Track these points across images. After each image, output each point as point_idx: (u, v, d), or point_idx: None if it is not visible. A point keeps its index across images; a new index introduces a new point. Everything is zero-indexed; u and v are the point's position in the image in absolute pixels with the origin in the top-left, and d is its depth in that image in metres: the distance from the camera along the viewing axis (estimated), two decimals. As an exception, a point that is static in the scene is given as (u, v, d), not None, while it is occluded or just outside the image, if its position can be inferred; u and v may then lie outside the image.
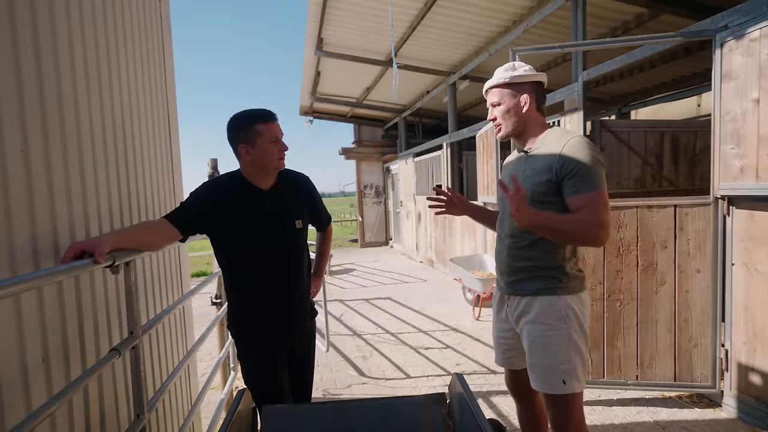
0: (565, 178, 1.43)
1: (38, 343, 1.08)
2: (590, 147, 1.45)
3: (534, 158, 1.55)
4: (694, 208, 2.60)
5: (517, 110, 1.57)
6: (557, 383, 1.48)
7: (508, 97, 1.57)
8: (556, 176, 1.45)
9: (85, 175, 1.37)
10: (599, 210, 1.37)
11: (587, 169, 1.40)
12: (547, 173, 1.46)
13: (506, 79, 1.56)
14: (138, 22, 1.93)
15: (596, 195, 1.39)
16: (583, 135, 1.52)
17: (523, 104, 1.56)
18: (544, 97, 1.62)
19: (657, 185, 4.25)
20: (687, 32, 2.59)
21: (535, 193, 1.49)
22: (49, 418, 1.09)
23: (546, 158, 1.49)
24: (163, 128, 2.22)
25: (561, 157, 1.44)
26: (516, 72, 1.56)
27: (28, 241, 1.07)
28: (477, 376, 3.34)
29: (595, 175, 1.41)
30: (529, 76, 1.55)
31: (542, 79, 1.59)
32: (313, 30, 5.94)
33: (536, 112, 1.59)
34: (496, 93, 1.60)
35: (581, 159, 1.41)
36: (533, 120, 1.58)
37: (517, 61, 2.27)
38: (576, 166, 1.41)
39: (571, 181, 1.42)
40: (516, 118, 1.57)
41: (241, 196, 1.62)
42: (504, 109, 1.58)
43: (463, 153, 7.65)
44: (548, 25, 4.88)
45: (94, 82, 1.46)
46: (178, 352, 2.20)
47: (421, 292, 6.34)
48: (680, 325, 2.66)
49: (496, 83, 1.59)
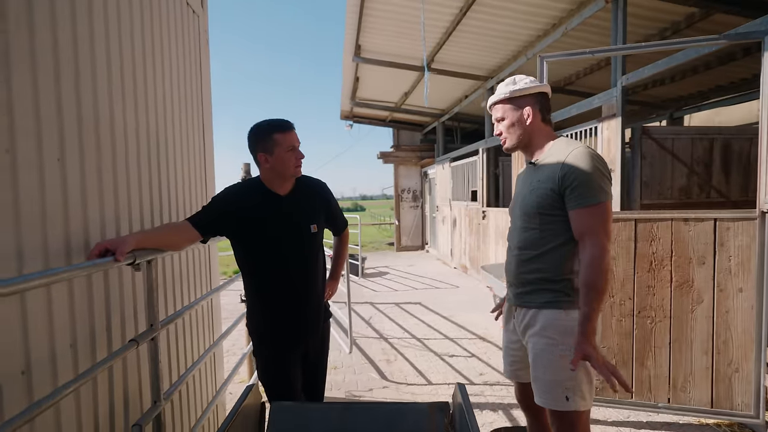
0: (567, 189, 1.42)
1: (67, 331, 1.21)
2: (593, 157, 1.43)
3: (540, 169, 1.54)
4: (737, 222, 2.42)
5: (521, 123, 1.56)
6: (560, 399, 1.44)
7: (510, 111, 1.57)
8: (559, 187, 1.44)
9: (118, 180, 1.51)
10: (598, 229, 1.38)
11: (588, 180, 1.39)
12: (551, 183, 1.46)
13: (507, 95, 1.57)
14: (176, 33, 2.09)
15: (596, 209, 1.39)
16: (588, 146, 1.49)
17: (527, 117, 1.55)
18: (549, 108, 1.60)
19: (705, 196, 3.97)
20: (732, 34, 2.43)
21: (541, 205, 1.48)
22: (74, 397, 1.22)
23: (550, 169, 1.48)
24: (197, 136, 2.38)
25: (563, 167, 1.43)
26: (516, 86, 1.56)
27: (61, 239, 1.21)
28: (499, 387, 3.28)
29: (596, 186, 1.39)
30: (530, 89, 1.55)
31: (545, 90, 1.58)
32: (351, 37, 6.08)
33: (541, 123, 1.57)
34: (499, 108, 1.61)
35: (583, 170, 1.39)
36: (538, 131, 1.57)
37: (542, 70, 2.23)
38: (577, 177, 1.40)
39: (573, 194, 1.41)
40: (521, 131, 1.57)
41: (260, 201, 1.71)
42: (508, 124, 1.58)
43: (500, 159, 7.50)
44: (588, 27, 4.71)
45: (129, 90, 1.60)
46: (204, 345, 2.34)
47: (452, 299, 6.29)
48: (719, 347, 2.48)
49: (498, 99, 1.60)
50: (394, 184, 12.41)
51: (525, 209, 1.55)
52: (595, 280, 1.36)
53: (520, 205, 1.60)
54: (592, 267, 1.37)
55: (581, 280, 1.40)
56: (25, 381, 1.06)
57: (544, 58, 2.64)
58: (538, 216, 1.49)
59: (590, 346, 1.33)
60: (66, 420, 1.19)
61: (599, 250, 1.37)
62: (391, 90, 8.76)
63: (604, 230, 1.37)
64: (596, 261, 1.37)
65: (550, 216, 1.46)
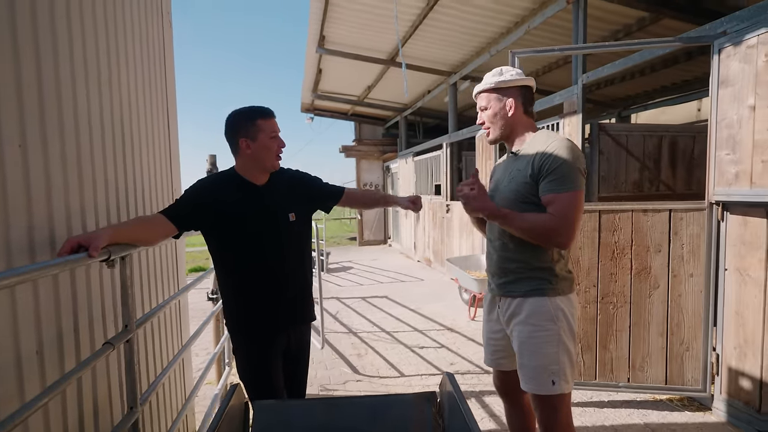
0: (542, 177, 1.46)
1: (32, 335, 1.10)
2: (572, 150, 1.47)
3: (520, 159, 1.57)
4: (689, 213, 2.62)
5: (504, 114, 1.59)
6: (546, 384, 1.49)
7: (494, 101, 1.60)
8: (537, 174, 1.48)
9: (83, 169, 1.38)
10: (567, 213, 1.42)
11: (564, 170, 1.43)
12: (529, 170, 1.49)
13: (492, 84, 1.59)
14: (138, 18, 1.94)
15: (569, 196, 1.43)
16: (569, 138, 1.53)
17: (509, 108, 1.58)
18: (532, 101, 1.64)
19: (654, 189, 4.26)
20: (686, 38, 2.60)
21: (520, 193, 1.52)
22: (43, 410, 1.11)
23: (528, 159, 1.52)
24: (162, 123, 2.23)
25: (542, 155, 1.47)
26: (502, 77, 1.59)
27: (24, 233, 1.09)
28: (470, 376, 3.36)
29: (572, 176, 1.43)
30: (515, 81, 1.58)
31: (529, 83, 1.62)
32: (315, 27, 5.94)
33: (523, 115, 1.61)
34: (484, 97, 1.63)
35: (560, 160, 1.44)
36: (520, 123, 1.61)
37: (513, 65, 2.28)
38: (554, 164, 1.44)
39: (546, 179, 1.45)
40: (503, 122, 1.60)
41: (236, 191, 1.63)
42: (491, 113, 1.61)
43: (463, 153, 7.66)
44: (550, 27, 4.89)
45: (93, 77, 1.47)
46: (173, 346, 2.22)
47: (417, 291, 6.36)
48: (672, 329, 2.68)
49: (483, 88, 1.62)
50: (356, 179, 12.34)
51: (504, 199, 1.58)
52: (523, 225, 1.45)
53: (499, 195, 1.62)
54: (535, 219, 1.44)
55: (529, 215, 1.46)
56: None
57: (516, 53, 2.70)
58: (517, 205, 1.52)
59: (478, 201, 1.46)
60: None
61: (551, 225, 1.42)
62: (355, 83, 8.67)
63: (568, 217, 1.41)
64: (540, 224, 1.43)
65: (530, 204, 1.50)
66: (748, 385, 2.40)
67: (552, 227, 1.42)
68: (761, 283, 2.31)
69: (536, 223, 1.44)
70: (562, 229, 1.42)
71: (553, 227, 1.42)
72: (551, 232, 1.43)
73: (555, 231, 1.42)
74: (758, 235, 2.32)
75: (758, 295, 2.33)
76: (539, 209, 1.48)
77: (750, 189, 2.29)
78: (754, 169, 2.26)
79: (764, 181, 2.22)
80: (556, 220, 1.42)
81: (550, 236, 1.44)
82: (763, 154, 2.22)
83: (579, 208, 1.44)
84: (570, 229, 1.42)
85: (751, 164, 2.27)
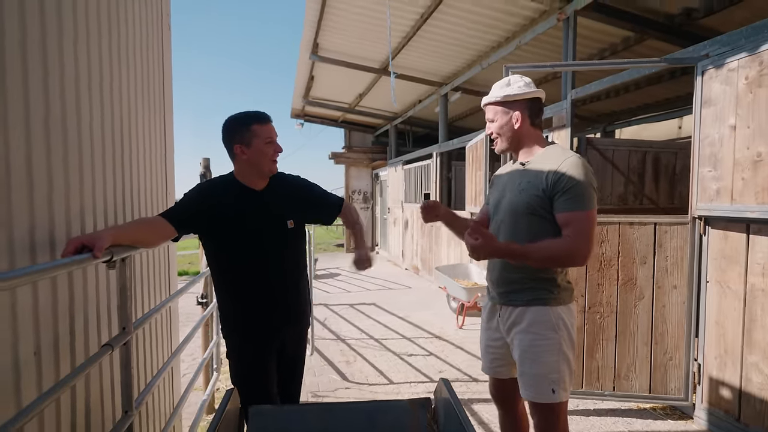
0: (558, 193, 1.47)
1: (31, 336, 1.09)
2: (587, 169, 1.49)
3: (531, 171, 1.57)
4: (673, 226, 2.71)
5: (510, 127, 1.60)
6: (546, 392, 1.52)
7: (501, 114, 1.61)
8: (550, 189, 1.48)
9: (83, 171, 1.37)
10: (586, 231, 1.43)
11: (581, 188, 1.44)
12: (543, 185, 1.50)
13: (499, 98, 1.60)
14: (138, 21, 1.94)
15: (585, 215, 1.44)
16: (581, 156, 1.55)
17: (515, 121, 1.59)
18: (540, 112, 1.64)
19: (638, 203, 4.39)
20: (671, 59, 2.72)
21: (530, 206, 1.52)
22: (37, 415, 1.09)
23: (543, 172, 1.52)
24: (158, 127, 2.23)
25: (557, 172, 1.48)
26: (509, 90, 1.59)
27: (26, 234, 1.08)
28: (459, 384, 3.38)
29: (587, 195, 1.45)
30: (522, 94, 1.58)
31: (538, 95, 1.62)
32: (310, 34, 5.99)
33: (531, 127, 1.61)
34: (491, 110, 1.64)
35: (576, 178, 1.45)
36: (527, 135, 1.62)
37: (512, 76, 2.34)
38: (570, 183, 1.45)
39: (563, 198, 1.46)
40: (510, 134, 1.61)
41: (235, 196, 1.64)
42: (497, 126, 1.63)
43: (453, 163, 7.75)
44: (540, 43, 5.02)
45: (95, 82, 1.47)
46: (164, 351, 2.19)
47: (405, 299, 6.38)
48: (656, 339, 2.75)
49: (490, 101, 1.64)
50: (345, 185, 12.35)
51: (513, 208, 1.58)
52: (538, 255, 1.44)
53: (507, 204, 1.62)
54: (550, 248, 1.44)
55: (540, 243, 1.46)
56: (-13, 394, 0.93)
57: (509, 68, 2.78)
58: (526, 216, 1.53)
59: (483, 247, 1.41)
60: (29, 437, 1.06)
61: (571, 246, 1.43)
62: (346, 90, 8.73)
63: (587, 235, 1.43)
64: (560, 249, 1.44)
65: (539, 217, 1.51)
66: (727, 395, 2.48)
67: (573, 249, 1.44)
68: (740, 295, 2.40)
69: (556, 250, 1.44)
70: (583, 248, 1.43)
71: (574, 249, 1.44)
72: (573, 253, 1.44)
73: (577, 251, 1.44)
74: (738, 249, 2.41)
75: (737, 307, 2.42)
76: (545, 222, 1.51)
77: (731, 205, 2.38)
78: (735, 185, 2.36)
79: (744, 197, 2.32)
80: (576, 241, 1.43)
81: (572, 258, 1.46)
82: (743, 171, 2.32)
83: (594, 225, 1.47)
84: (589, 247, 1.44)
85: (732, 181, 2.37)
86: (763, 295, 2.29)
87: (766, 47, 2.20)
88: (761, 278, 2.30)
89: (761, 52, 2.22)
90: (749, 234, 2.35)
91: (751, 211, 2.26)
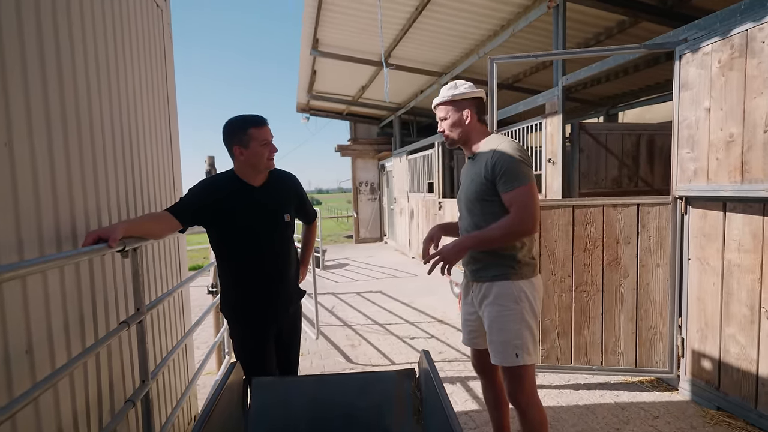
0: (497, 177, 1.68)
1: (61, 314, 1.28)
2: (516, 149, 1.69)
3: (477, 162, 1.79)
4: (655, 207, 2.82)
5: (461, 123, 1.81)
6: (511, 356, 1.70)
7: (452, 112, 1.82)
8: (490, 175, 1.69)
9: (98, 172, 1.56)
10: (526, 204, 1.62)
11: (514, 168, 1.65)
12: (484, 172, 1.71)
13: (449, 97, 1.81)
14: (141, 28, 2.11)
15: (523, 190, 1.64)
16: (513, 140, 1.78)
17: (465, 118, 1.80)
18: (484, 109, 1.87)
19: (633, 185, 4.46)
20: (650, 44, 2.80)
21: (479, 193, 1.74)
22: (69, 378, 1.30)
23: (483, 161, 1.74)
24: (164, 128, 2.41)
25: (492, 158, 1.69)
26: (457, 90, 1.80)
27: (53, 227, 1.27)
28: (457, 363, 3.56)
29: (521, 172, 1.65)
30: (468, 93, 1.79)
31: (481, 95, 1.83)
32: (309, 31, 6.12)
33: (478, 123, 1.83)
34: (443, 109, 1.85)
35: (508, 159, 1.65)
36: (475, 130, 1.83)
37: (491, 71, 2.46)
38: (504, 165, 1.65)
39: (501, 180, 1.67)
40: (460, 129, 1.82)
41: (235, 192, 1.82)
42: (450, 123, 1.83)
43: (454, 152, 7.84)
44: (534, 29, 5.08)
45: (104, 89, 1.65)
46: (177, 333, 2.41)
47: (411, 286, 6.56)
48: (641, 315, 2.88)
49: (441, 101, 1.84)
50: (352, 177, 12.52)
51: (467, 197, 1.82)
52: (494, 235, 1.64)
53: (464, 195, 1.86)
54: (500, 226, 1.64)
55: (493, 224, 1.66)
56: (28, 360, 1.13)
57: (494, 60, 2.89)
58: (478, 202, 1.75)
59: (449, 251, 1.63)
60: (63, 398, 1.26)
61: (516, 219, 1.63)
62: (349, 84, 8.85)
63: (529, 207, 1.63)
64: (507, 225, 1.63)
65: (488, 201, 1.73)
66: (708, 366, 2.61)
67: (520, 221, 1.63)
68: (719, 271, 2.51)
69: (506, 226, 1.64)
70: (526, 218, 1.63)
71: (521, 220, 1.63)
72: (521, 224, 1.63)
73: (521, 222, 1.63)
74: (716, 227, 2.52)
75: (716, 282, 2.53)
76: (494, 204, 1.71)
77: (707, 184, 2.49)
78: (710, 165, 2.46)
79: (719, 177, 2.42)
80: (521, 213, 1.63)
81: (522, 228, 1.64)
82: (717, 152, 2.42)
83: (534, 196, 1.67)
84: (532, 216, 1.64)
85: (708, 161, 2.47)
86: (739, 270, 2.40)
87: (736, 31, 2.28)
88: (737, 254, 2.40)
89: (732, 36, 2.30)
90: (725, 212, 2.45)
91: (725, 190, 2.36)
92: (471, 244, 1.67)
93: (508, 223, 1.64)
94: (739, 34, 2.26)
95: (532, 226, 1.65)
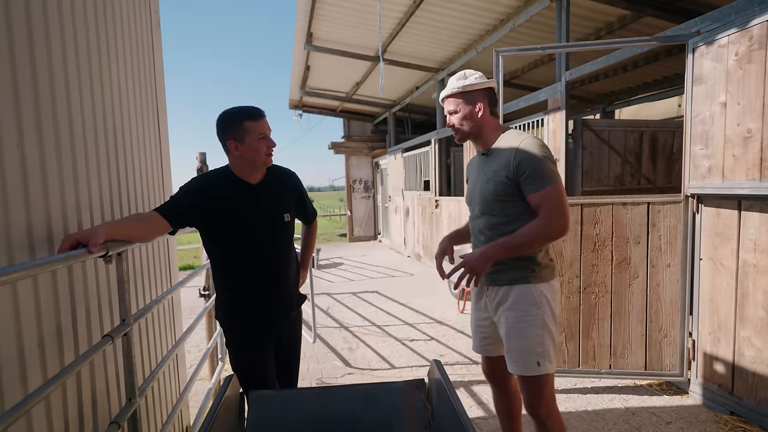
0: (521, 177, 1.55)
1: (34, 328, 1.14)
2: (540, 146, 1.57)
3: (493, 160, 1.66)
4: (666, 205, 2.73)
5: (473, 116, 1.67)
6: (532, 365, 1.58)
7: (463, 104, 1.68)
8: (514, 175, 1.57)
9: (78, 168, 1.41)
10: (557, 204, 1.51)
11: (541, 167, 1.53)
12: (506, 171, 1.58)
13: (459, 89, 1.67)
14: (128, 19, 1.96)
15: (551, 189, 1.52)
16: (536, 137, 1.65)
17: (478, 110, 1.66)
18: (496, 101, 1.74)
19: (636, 183, 4.39)
20: (662, 36, 2.70)
21: (498, 192, 1.61)
22: (44, 401, 1.15)
23: (503, 159, 1.61)
24: (152, 122, 2.26)
25: (516, 156, 1.56)
26: (467, 81, 1.67)
27: (24, 231, 1.12)
28: (459, 366, 3.45)
29: (548, 170, 1.53)
30: (480, 84, 1.66)
31: (493, 86, 1.70)
32: (303, 24, 5.95)
33: (490, 115, 1.70)
34: (452, 102, 1.70)
35: (533, 158, 1.54)
36: (488, 123, 1.69)
37: (497, 64, 2.35)
38: (529, 165, 1.53)
39: (528, 180, 1.54)
40: (472, 123, 1.68)
41: (231, 190, 1.67)
42: (461, 116, 1.69)
43: (451, 149, 7.74)
44: (534, 24, 4.97)
45: (85, 79, 1.50)
46: (167, 342, 2.26)
47: (407, 286, 6.45)
48: (651, 317, 2.79)
49: (451, 93, 1.69)
50: (346, 175, 12.37)
51: (484, 197, 1.68)
52: (523, 241, 1.52)
53: (478, 193, 1.72)
54: (530, 231, 1.52)
55: (521, 229, 1.54)
56: (-6, 383, 0.99)
57: (500, 52, 2.77)
58: (496, 203, 1.62)
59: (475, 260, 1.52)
60: (37, 425, 1.12)
61: (547, 220, 1.52)
62: (343, 79, 8.69)
63: (558, 207, 1.51)
64: (538, 228, 1.51)
65: (508, 201, 1.60)
66: (721, 369, 2.53)
67: (551, 223, 1.51)
68: (733, 271, 2.43)
69: (538, 229, 1.52)
70: (557, 219, 1.52)
71: (549, 222, 1.51)
72: (550, 226, 1.51)
73: (552, 223, 1.51)
74: (730, 226, 2.43)
75: (730, 283, 2.45)
76: (516, 205, 1.59)
77: (722, 182, 2.40)
78: (726, 163, 2.37)
79: (735, 174, 2.33)
80: (552, 215, 1.51)
81: (554, 231, 1.53)
82: (733, 148, 2.33)
83: (564, 195, 1.55)
84: (564, 217, 1.52)
85: (723, 158, 2.38)
86: (755, 270, 2.31)
87: (755, 22, 2.18)
88: (753, 254, 2.32)
89: (751, 27, 2.21)
90: (741, 210, 2.37)
91: (742, 188, 2.27)
92: (499, 252, 1.54)
93: (539, 226, 1.52)
94: (759, 25, 2.17)
95: (565, 227, 1.53)
